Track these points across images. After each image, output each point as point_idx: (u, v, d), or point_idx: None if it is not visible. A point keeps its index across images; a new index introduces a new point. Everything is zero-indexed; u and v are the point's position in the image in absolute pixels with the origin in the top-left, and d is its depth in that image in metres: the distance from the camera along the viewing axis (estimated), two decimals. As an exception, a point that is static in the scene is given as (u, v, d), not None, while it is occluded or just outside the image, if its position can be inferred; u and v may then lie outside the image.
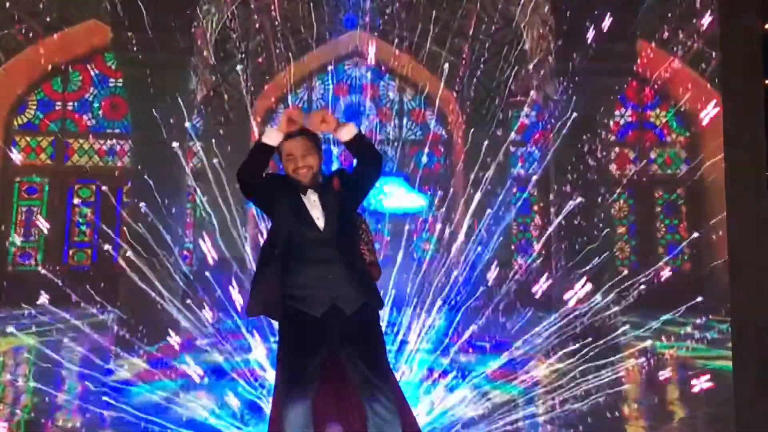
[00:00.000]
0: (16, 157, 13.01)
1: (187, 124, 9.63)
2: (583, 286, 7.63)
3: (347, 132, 3.01)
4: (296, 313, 2.98)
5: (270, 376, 5.42)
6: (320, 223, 3.03)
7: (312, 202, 3.05)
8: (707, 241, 13.63)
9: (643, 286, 8.55)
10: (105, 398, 5.66)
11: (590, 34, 8.35)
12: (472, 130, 13.67)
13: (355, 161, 3.11)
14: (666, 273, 8.95)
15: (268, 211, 3.16)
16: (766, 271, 3.50)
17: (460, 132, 14.16)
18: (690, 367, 7.27)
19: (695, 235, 12.84)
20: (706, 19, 10.92)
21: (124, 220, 10.23)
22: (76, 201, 14.21)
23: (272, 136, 2.99)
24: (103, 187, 13.88)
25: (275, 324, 3.32)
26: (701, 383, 6.47)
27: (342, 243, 3.03)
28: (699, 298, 7.15)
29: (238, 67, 13.03)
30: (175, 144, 8.94)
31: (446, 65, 13.67)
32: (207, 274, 7.80)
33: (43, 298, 6.67)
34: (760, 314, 3.50)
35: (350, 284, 2.99)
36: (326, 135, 3.21)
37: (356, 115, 14.92)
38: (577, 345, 8.15)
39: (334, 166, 3.38)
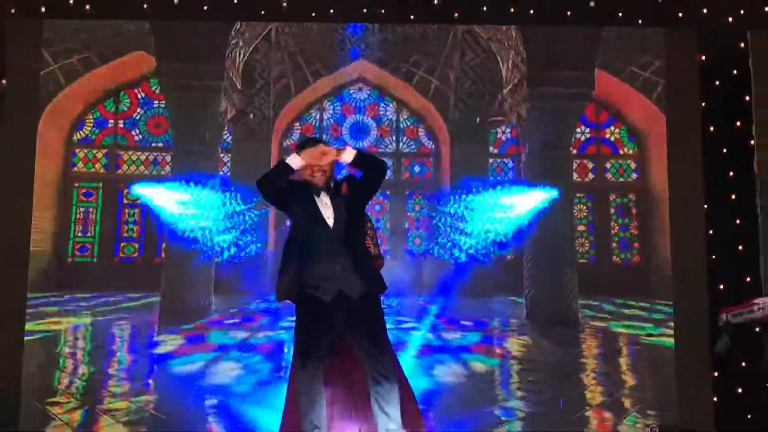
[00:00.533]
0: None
1: (217, 139, 9.63)
2: None
3: (348, 155, 2.99)
4: (310, 298, 2.98)
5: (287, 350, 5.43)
6: (330, 222, 3.02)
7: (324, 204, 3.04)
8: (653, 238, 13.66)
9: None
10: (149, 368, 5.68)
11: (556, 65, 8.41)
12: (457, 144, 13.71)
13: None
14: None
15: (284, 210, 3.14)
16: (702, 263, 3.53)
17: (446, 146, 14.18)
18: (638, 343, 7.28)
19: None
20: (654, 52, 10.92)
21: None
22: (125, 203, 14.21)
23: (296, 161, 2.97)
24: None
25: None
26: (648, 355, 6.49)
27: (348, 239, 3.01)
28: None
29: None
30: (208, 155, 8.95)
31: (435, 90, 13.71)
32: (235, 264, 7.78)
33: None
34: (696, 299, 3.53)
35: (355, 275, 2.98)
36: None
37: (360, 132, 14.94)
38: (544, 324, 8.19)
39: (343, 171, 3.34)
